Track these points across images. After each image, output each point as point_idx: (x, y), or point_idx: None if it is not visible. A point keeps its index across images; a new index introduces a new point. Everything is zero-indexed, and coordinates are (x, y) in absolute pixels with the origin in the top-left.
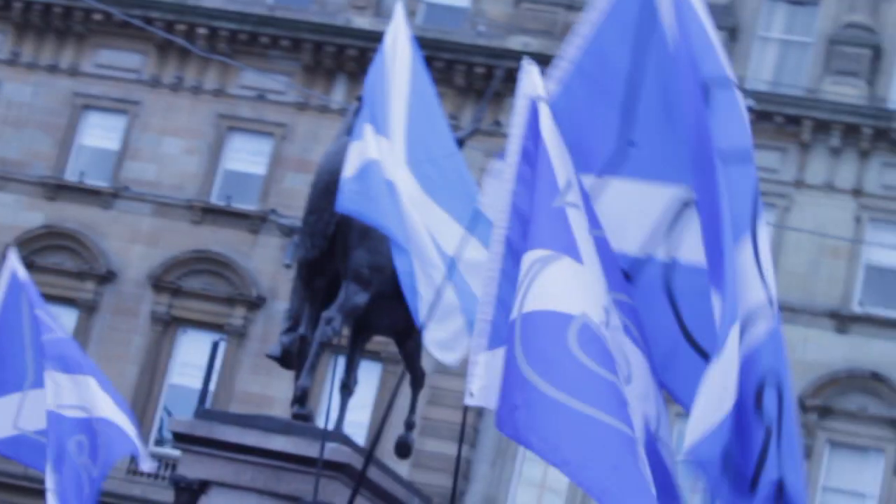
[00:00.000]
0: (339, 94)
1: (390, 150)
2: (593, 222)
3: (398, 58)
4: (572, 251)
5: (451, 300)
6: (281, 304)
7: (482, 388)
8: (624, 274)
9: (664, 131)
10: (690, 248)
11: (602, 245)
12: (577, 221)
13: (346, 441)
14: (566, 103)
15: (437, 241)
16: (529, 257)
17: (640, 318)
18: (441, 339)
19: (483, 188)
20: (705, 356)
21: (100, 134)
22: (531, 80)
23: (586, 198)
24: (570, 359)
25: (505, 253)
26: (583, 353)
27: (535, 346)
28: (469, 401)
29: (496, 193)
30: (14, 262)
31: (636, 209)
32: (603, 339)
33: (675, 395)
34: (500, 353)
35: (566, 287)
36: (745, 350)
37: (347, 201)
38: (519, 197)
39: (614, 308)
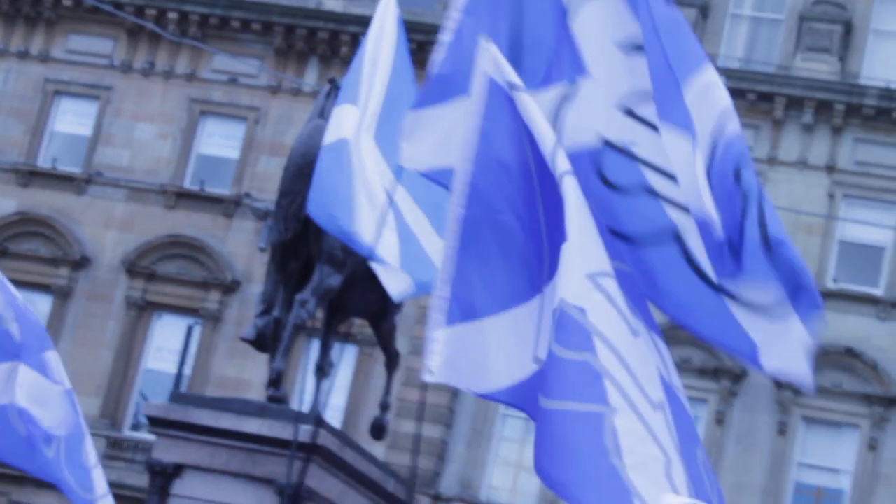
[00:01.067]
0: (311, 76)
1: (356, 118)
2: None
3: (384, 37)
4: (563, 234)
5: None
6: (256, 287)
7: (442, 364)
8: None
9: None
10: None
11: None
12: (571, 190)
13: (321, 423)
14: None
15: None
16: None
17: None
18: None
19: (407, 139)
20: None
21: (72, 120)
22: (489, 59)
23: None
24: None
25: (462, 231)
26: (559, 347)
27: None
28: (428, 377)
29: (419, 145)
30: None
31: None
32: (572, 316)
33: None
34: (461, 329)
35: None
36: (722, 144)
37: (315, 208)
38: (478, 177)
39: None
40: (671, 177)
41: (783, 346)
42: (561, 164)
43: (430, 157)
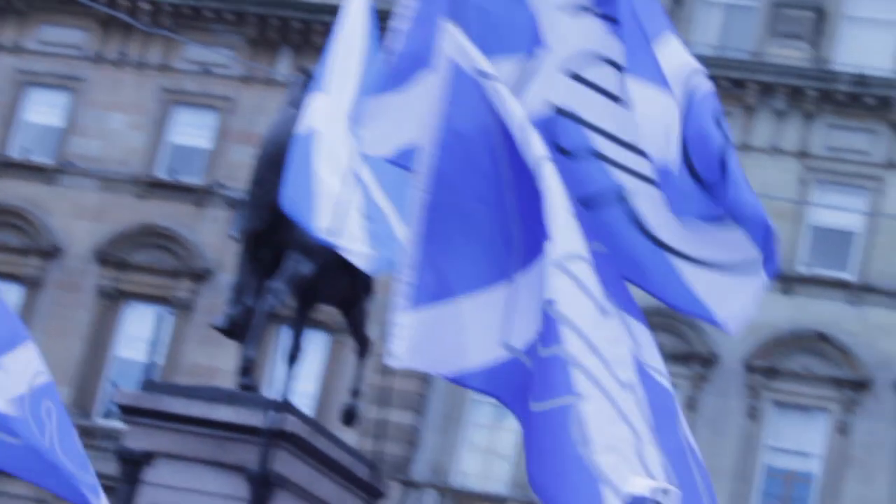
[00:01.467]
0: (283, 66)
1: (327, 106)
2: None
3: (356, 25)
4: (543, 228)
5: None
6: (227, 276)
7: (407, 349)
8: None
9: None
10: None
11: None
12: (551, 176)
13: (292, 410)
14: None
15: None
16: (539, 266)
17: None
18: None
19: (366, 125)
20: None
21: (44, 110)
22: (452, 42)
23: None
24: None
25: (427, 216)
26: (542, 347)
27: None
28: (392, 362)
29: (378, 131)
30: None
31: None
32: (547, 312)
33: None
34: (425, 313)
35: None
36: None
37: (284, 198)
38: (442, 161)
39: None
40: (615, 139)
41: (732, 298)
42: (537, 149)
43: (391, 140)
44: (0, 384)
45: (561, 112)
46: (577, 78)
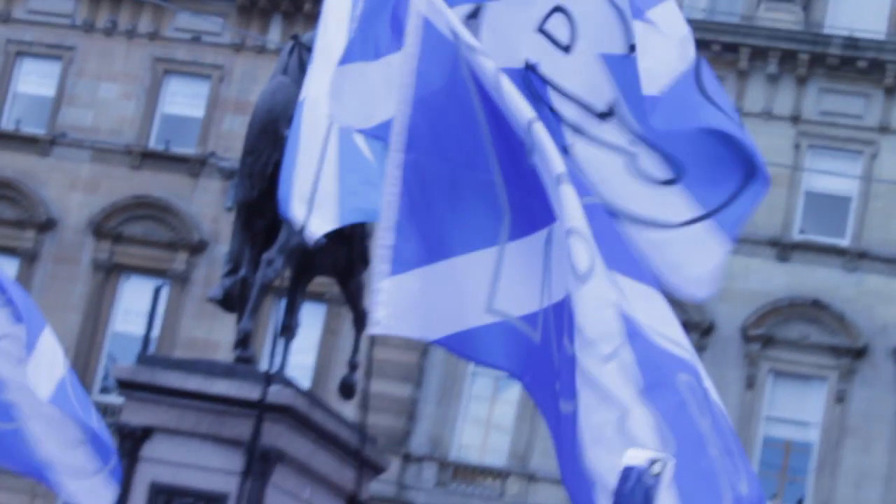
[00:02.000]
0: (274, 33)
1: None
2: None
3: None
4: (550, 216)
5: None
6: (223, 247)
7: (388, 315)
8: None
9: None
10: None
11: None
12: (547, 171)
13: (289, 383)
14: None
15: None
16: (538, 239)
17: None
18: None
19: (334, 95)
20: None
21: (35, 80)
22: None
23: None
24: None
25: (403, 176)
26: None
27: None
28: (374, 329)
29: (348, 101)
30: None
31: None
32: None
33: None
34: (406, 278)
35: (560, 268)
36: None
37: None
38: (416, 120)
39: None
40: (572, 98)
41: (690, 261)
42: (526, 112)
43: (365, 112)
44: (42, 369)
45: (529, 66)
46: (544, 34)
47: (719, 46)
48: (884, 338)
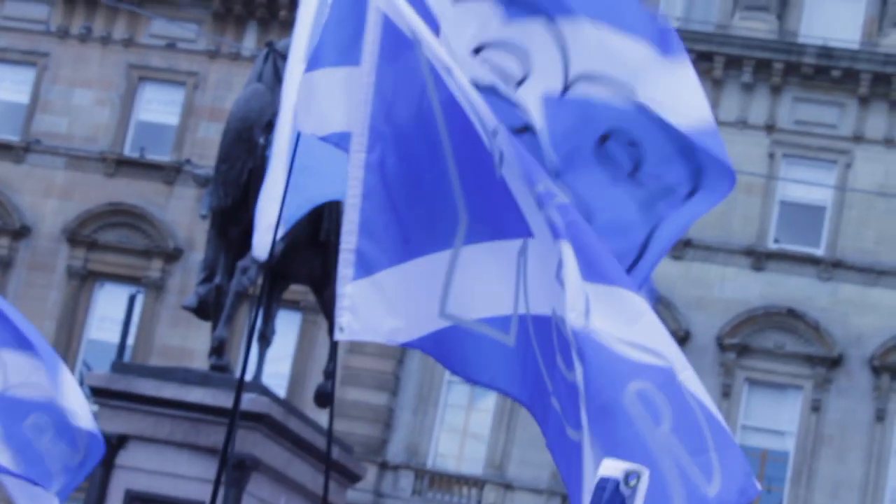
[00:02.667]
0: (250, 41)
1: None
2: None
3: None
4: (526, 230)
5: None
6: (198, 255)
7: (352, 321)
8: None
9: None
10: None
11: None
12: (516, 181)
13: (265, 391)
14: None
15: None
16: (507, 247)
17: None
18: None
19: (301, 102)
20: None
21: (9, 87)
22: None
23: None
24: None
25: (366, 177)
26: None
27: (549, 357)
28: (339, 335)
29: (315, 108)
30: None
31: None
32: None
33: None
34: (369, 282)
35: (542, 281)
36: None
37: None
38: (376, 120)
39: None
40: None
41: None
42: (489, 120)
43: (329, 119)
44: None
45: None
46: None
47: (694, 55)
48: (859, 347)
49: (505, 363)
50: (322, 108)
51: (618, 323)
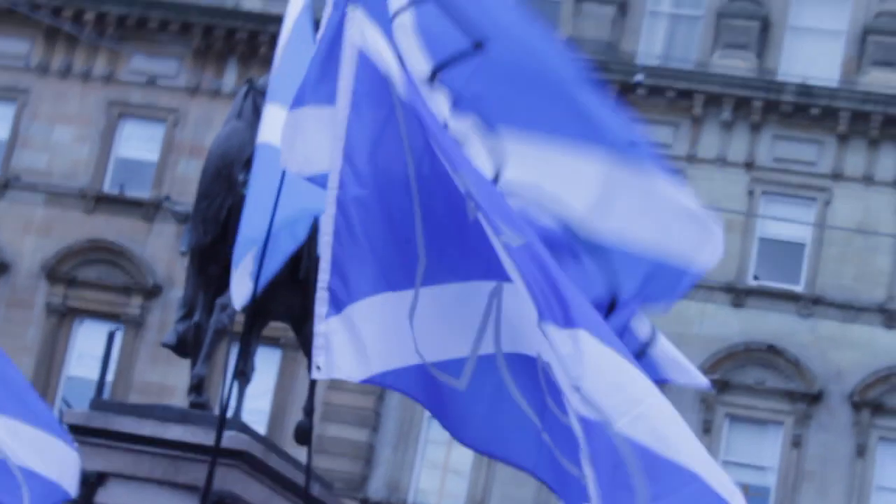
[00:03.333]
0: (230, 77)
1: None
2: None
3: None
4: (503, 274)
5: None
6: (178, 292)
7: (328, 360)
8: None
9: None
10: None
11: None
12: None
13: (244, 428)
14: None
15: None
16: (474, 289)
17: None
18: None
19: (286, 140)
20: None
21: None
22: (356, 28)
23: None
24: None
25: (337, 214)
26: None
27: (531, 391)
28: (316, 374)
29: (300, 147)
30: None
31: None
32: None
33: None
34: (339, 318)
35: (522, 324)
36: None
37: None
38: (349, 154)
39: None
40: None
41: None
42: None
43: (313, 158)
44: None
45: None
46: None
47: (674, 93)
48: (839, 383)
49: (453, 407)
50: (307, 148)
51: (569, 373)
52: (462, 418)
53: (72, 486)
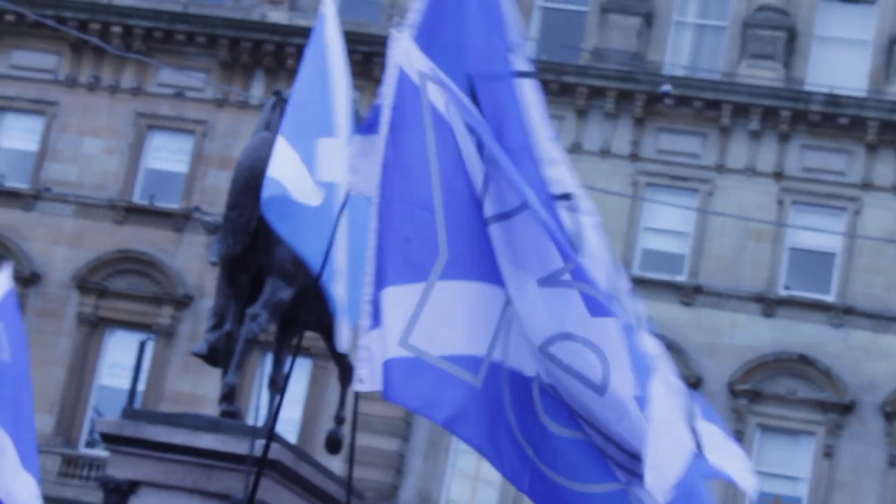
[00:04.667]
0: (257, 89)
1: (334, 148)
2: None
3: (334, 55)
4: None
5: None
6: (208, 302)
7: (370, 372)
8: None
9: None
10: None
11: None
12: (499, 239)
13: (276, 437)
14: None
15: None
16: (495, 293)
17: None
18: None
19: (352, 167)
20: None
21: (18, 136)
22: (401, 49)
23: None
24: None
25: (378, 227)
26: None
27: (522, 413)
28: (359, 386)
29: (366, 171)
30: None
31: None
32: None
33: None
34: (378, 332)
35: (522, 343)
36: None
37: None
38: (388, 168)
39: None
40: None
41: None
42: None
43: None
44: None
45: None
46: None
47: (701, 103)
48: (871, 393)
49: (468, 402)
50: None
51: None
52: (472, 415)
53: None
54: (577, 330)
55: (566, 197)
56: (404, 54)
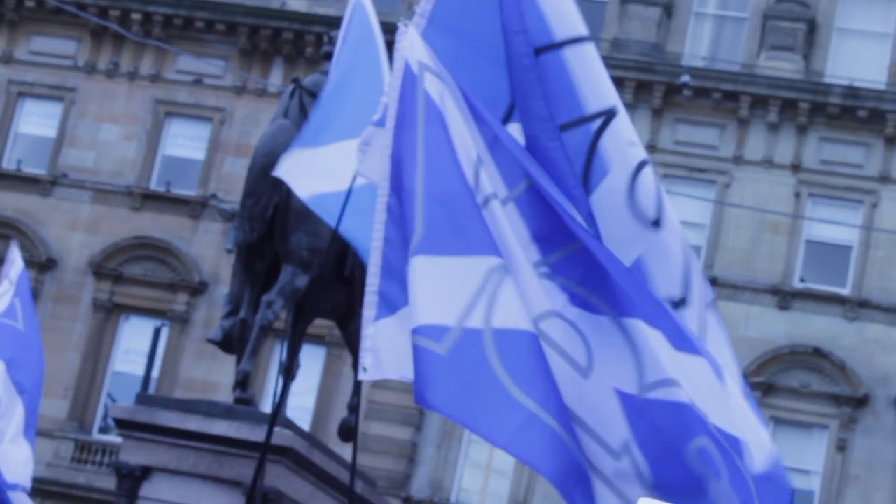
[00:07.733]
0: (276, 77)
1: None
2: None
3: (377, 49)
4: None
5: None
6: (223, 289)
7: (374, 361)
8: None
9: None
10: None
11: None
12: (501, 217)
13: (289, 425)
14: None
15: None
16: (471, 263)
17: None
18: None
19: (360, 158)
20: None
21: (36, 121)
22: (407, 41)
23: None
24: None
25: (386, 220)
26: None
27: (519, 367)
28: (363, 376)
29: (375, 162)
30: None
31: None
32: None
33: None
34: (389, 322)
35: (519, 302)
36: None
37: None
38: (396, 162)
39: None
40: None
41: None
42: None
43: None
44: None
45: None
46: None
47: (720, 94)
48: (885, 387)
49: (428, 369)
50: (384, 160)
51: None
52: (435, 381)
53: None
54: (566, 313)
55: (643, 164)
56: (409, 46)
